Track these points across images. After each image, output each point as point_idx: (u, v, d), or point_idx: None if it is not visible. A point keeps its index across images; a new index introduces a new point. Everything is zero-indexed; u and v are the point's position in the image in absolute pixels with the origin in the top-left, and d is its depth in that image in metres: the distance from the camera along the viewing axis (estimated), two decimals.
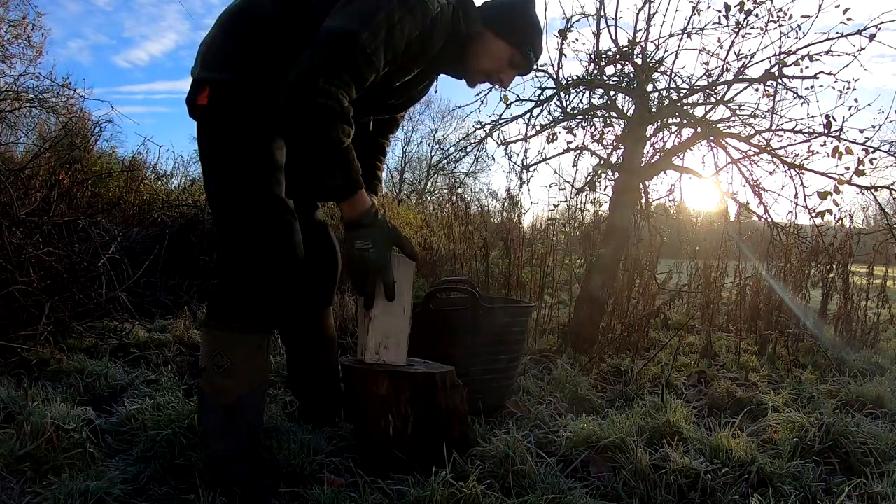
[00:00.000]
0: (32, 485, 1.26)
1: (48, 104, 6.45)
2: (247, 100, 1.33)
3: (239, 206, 1.29)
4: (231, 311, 1.28)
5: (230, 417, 1.28)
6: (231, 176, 1.31)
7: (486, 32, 1.50)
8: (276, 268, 1.29)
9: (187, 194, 4.92)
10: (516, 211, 3.63)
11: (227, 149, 1.32)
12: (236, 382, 1.28)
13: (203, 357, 1.32)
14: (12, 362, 2.06)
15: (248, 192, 1.30)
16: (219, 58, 1.36)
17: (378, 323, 1.44)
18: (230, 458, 1.28)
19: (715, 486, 1.38)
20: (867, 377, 2.59)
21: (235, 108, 1.33)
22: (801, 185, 2.89)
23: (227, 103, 1.33)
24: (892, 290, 4.22)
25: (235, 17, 1.38)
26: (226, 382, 1.27)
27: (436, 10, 1.37)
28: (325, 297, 1.72)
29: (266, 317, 1.30)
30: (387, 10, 1.27)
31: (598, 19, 3.09)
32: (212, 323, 1.30)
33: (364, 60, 1.25)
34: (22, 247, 2.29)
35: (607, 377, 2.47)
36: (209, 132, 1.36)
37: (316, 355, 1.73)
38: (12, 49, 7.93)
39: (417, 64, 1.46)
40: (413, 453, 1.40)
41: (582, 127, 3.41)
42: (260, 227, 1.29)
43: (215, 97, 1.33)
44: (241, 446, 1.29)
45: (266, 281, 1.28)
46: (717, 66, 3.03)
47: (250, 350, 1.30)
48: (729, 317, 3.94)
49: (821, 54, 2.80)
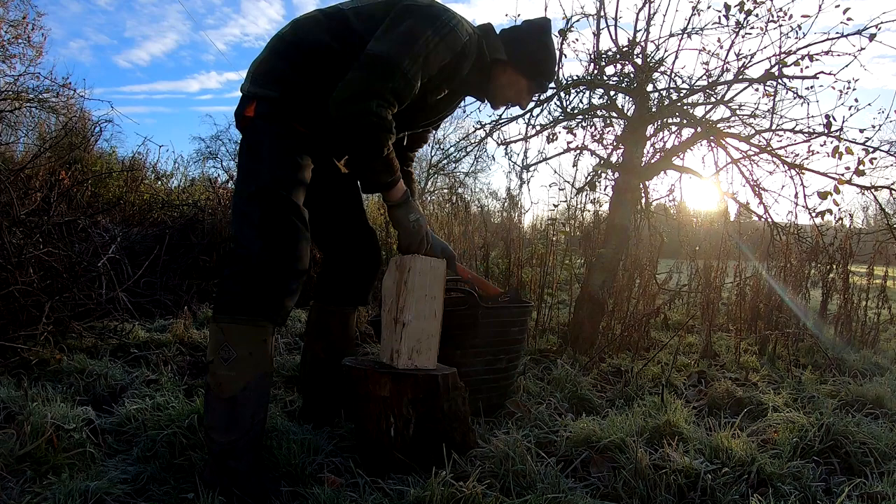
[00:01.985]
0: (32, 484, 1.26)
1: (48, 104, 6.44)
2: (288, 116, 1.47)
3: (256, 207, 1.39)
4: (237, 305, 1.34)
5: (233, 409, 1.31)
6: (259, 182, 1.41)
7: (508, 67, 1.68)
8: (279, 264, 1.36)
9: (187, 194, 4.92)
10: (516, 211, 3.64)
11: (263, 158, 1.44)
12: (240, 374, 1.32)
13: (210, 350, 1.37)
14: (12, 362, 2.06)
15: (269, 197, 1.40)
16: (267, 76, 1.49)
17: (411, 328, 1.46)
18: (233, 451, 1.30)
19: (715, 486, 1.38)
20: (867, 377, 2.59)
21: (277, 122, 1.46)
22: (801, 185, 2.90)
23: (271, 117, 1.46)
24: (892, 290, 4.22)
25: (286, 41, 1.53)
26: (230, 374, 1.32)
27: (465, 38, 1.54)
28: (363, 295, 1.83)
29: (270, 310, 1.36)
30: (424, 37, 1.44)
31: (598, 19, 3.09)
32: (220, 317, 1.35)
33: (405, 84, 1.42)
34: (22, 247, 2.29)
35: (607, 377, 2.47)
36: (250, 141, 1.48)
37: (336, 353, 1.78)
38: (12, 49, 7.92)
39: (448, 86, 1.62)
40: (414, 454, 1.40)
41: (582, 127, 3.41)
42: (269, 226, 1.37)
43: (261, 110, 1.46)
44: (244, 439, 1.31)
45: (269, 275, 1.35)
46: (717, 66, 3.04)
47: (255, 343, 1.35)
48: (729, 317, 3.94)
49: (821, 54, 2.80)
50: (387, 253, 4.42)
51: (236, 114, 1.52)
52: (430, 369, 1.47)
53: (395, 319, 1.46)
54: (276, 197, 1.39)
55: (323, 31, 1.50)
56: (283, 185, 1.41)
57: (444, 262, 1.53)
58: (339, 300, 1.80)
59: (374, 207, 5.23)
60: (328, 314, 1.80)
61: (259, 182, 1.41)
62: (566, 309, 3.54)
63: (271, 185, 1.40)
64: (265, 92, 1.47)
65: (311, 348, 1.80)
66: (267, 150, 1.44)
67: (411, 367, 1.45)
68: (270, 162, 1.43)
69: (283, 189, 1.41)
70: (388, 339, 1.50)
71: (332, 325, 1.80)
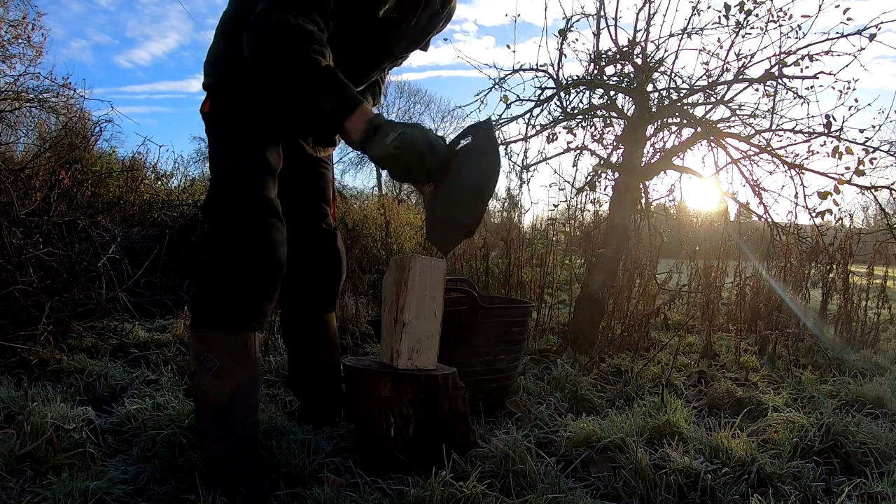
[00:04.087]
0: (32, 485, 1.26)
1: (48, 104, 6.44)
2: (237, 100, 1.34)
3: (221, 209, 1.29)
4: (213, 313, 1.27)
5: (223, 418, 1.28)
6: (222, 178, 1.32)
7: None
8: (251, 268, 1.27)
9: (187, 194, 4.92)
10: (516, 211, 3.64)
11: (221, 152, 1.34)
12: (225, 382, 1.27)
13: (192, 361, 1.31)
14: (12, 362, 2.06)
15: (233, 194, 1.29)
16: (213, 60, 1.39)
17: (411, 328, 1.45)
18: (227, 457, 1.27)
19: (715, 486, 1.38)
20: (867, 377, 2.59)
21: (227, 112, 1.34)
22: (801, 185, 2.89)
23: (220, 108, 1.35)
24: (892, 290, 4.22)
25: (226, 19, 1.39)
26: (215, 383, 1.27)
27: None
28: (328, 301, 1.73)
29: (247, 315, 1.28)
30: None
31: (598, 19, 3.09)
32: (197, 326, 1.29)
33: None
34: (22, 247, 2.29)
35: (607, 377, 2.47)
36: (209, 140, 1.38)
37: (318, 358, 1.74)
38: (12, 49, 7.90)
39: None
40: (414, 455, 1.40)
41: (582, 127, 3.41)
42: (237, 228, 1.27)
43: (213, 102, 1.36)
44: (237, 446, 1.28)
45: (243, 281, 1.26)
46: (717, 66, 3.04)
47: (237, 349, 1.29)
48: (729, 317, 3.94)
49: (821, 54, 2.80)
50: (387, 253, 4.43)
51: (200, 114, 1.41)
52: (431, 369, 1.47)
53: (396, 319, 1.46)
54: (236, 195, 1.28)
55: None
56: (243, 180, 1.29)
57: (444, 262, 1.51)
58: (303, 306, 1.68)
59: (373, 208, 5.23)
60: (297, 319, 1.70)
61: (220, 182, 1.31)
62: (566, 309, 3.54)
63: (228, 183, 1.29)
64: (211, 80, 1.36)
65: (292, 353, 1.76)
66: (222, 144, 1.33)
67: (411, 368, 1.45)
68: (227, 157, 1.32)
69: (244, 184, 1.28)
70: (388, 339, 1.50)
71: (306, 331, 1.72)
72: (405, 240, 4.82)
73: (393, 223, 4.81)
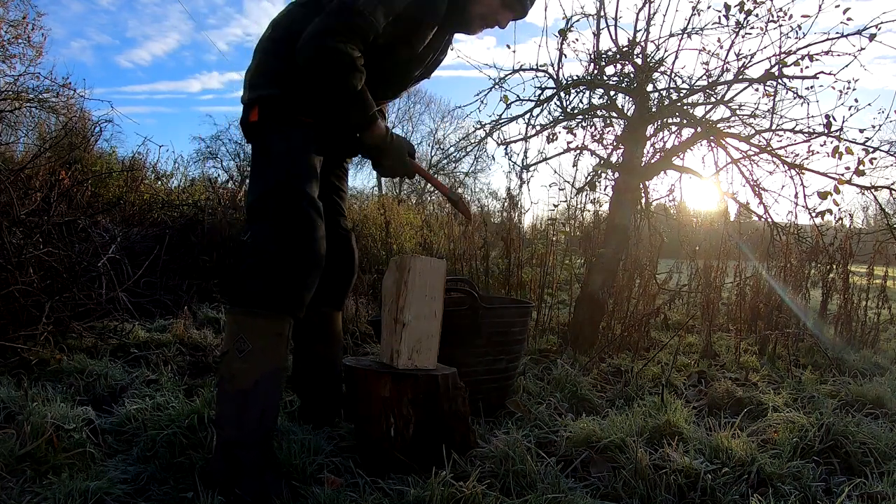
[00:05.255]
0: (32, 484, 1.26)
1: (48, 104, 6.43)
2: (293, 110, 1.50)
3: (272, 201, 1.41)
4: (254, 297, 1.35)
5: (246, 402, 1.32)
6: (273, 179, 1.44)
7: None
8: (296, 257, 1.38)
9: (187, 194, 4.91)
10: (516, 211, 3.63)
11: (274, 155, 1.47)
12: (254, 367, 1.33)
13: (225, 341, 1.38)
14: (12, 362, 2.06)
15: (284, 191, 1.42)
16: (264, 77, 1.52)
17: (411, 328, 1.46)
18: (240, 443, 1.30)
19: (715, 486, 1.38)
20: (867, 377, 2.59)
21: (283, 119, 1.49)
22: (801, 185, 2.89)
23: (276, 116, 1.49)
24: (892, 290, 4.22)
25: (272, 40, 1.57)
26: (245, 366, 1.33)
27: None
28: (338, 299, 1.80)
29: (288, 302, 1.37)
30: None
31: (598, 19, 3.09)
32: (236, 309, 1.37)
33: (363, 19, 1.42)
34: (22, 247, 2.29)
35: (607, 377, 2.47)
36: (261, 144, 1.51)
37: (321, 354, 1.78)
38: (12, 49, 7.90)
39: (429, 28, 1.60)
40: (414, 455, 1.40)
41: (582, 127, 3.41)
42: (285, 219, 1.40)
43: (265, 111, 1.50)
44: (254, 435, 1.32)
45: (286, 269, 1.36)
46: (717, 66, 3.04)
47: (271, 336, 1.36)
48: (729, 317, 3.94)
49: (821, 54, 2.80)
50: (387, 253, 4.43)
51: (242, 124, 1.56)
52: (431, 369, 1.47)
53: (396, 319, 1.46)
54: (290, 190, 1.41)
55: (300, 20, 1.51)
56: (296, 178, 1.43)
57: (444, 263, 1.53)
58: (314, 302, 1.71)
59: (373, 208, 5.23)
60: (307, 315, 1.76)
61: (273, 178, 1.43)
62: (566, 309, 3.54)
63: (285, 179, 1.42)
64: (265, 92, 1.50)
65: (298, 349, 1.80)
66: (277, 147, 1.47)
67: (411, 368, 1.45)
68: (283, 158, 1.46)
69: (297, 182, 1.43)
70: (389, 339, 1.50)
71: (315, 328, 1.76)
72: (405, 240, 4.82)
73: (393, 223, 4.81)
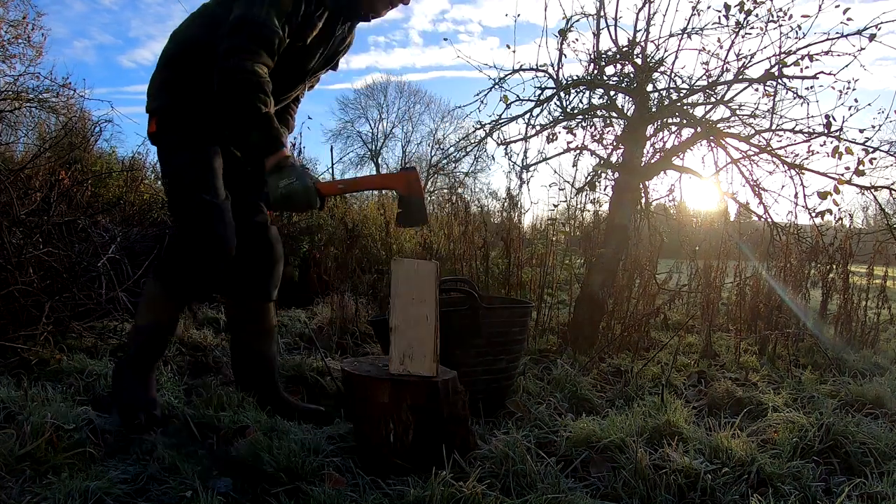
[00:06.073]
0: (32, 484, 1.26)
1: (48, 104, 6.42)
2: (186, 118, 1.61)
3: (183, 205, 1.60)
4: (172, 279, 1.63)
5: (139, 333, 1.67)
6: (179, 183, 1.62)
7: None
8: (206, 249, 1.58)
9: None
10: (516, 211, 3.63)
11: (175, 163, 1.63)
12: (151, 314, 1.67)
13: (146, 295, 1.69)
14: (12, 362, 2.05)
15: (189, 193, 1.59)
16: (159, 88, 1.64)
17: (399, 333, 1.43)
18: (129, 363, 1.64)
19: (715, 486, 1.38)
20: (867, 377, 2.59)
21: (177, 128, 1.62)
22: (801, 185, 2.89)
23: (170, 125, 1.63)
24: (892, 290, 4.22)
25: (166, 52, 1.67)
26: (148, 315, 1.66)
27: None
28: (264, 291, 1.87)
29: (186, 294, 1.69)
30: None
31: (598, 19, 3.09)
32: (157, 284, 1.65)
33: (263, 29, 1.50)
34: (22, 247, 2.29)
35: (607, 377, 2.47)
36: (161, 154, 1.66)
37: (253, 346, 1.86)
38: (12, 49, 7.90)
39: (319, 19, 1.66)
40: (413, 460, 1.39)
41: (582, 127, 3.41)
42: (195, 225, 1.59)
43: (161, 121, 1.63)
44: (137, 357, 1.65)
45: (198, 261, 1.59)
46: (717, 66, 3.04)
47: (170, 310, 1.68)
48: (729, 317, 3.94)
49: (821, 54, 2.80)
50: (387, 253, 4.42)
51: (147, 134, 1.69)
52: (427, 375, 1.45)
53: (389, 324, 1.45)
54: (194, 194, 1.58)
55: (194, 29, 1.64)
56: (198, 186, 1.58)
57: (433, 265, 1.45)
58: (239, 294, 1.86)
59: (373, 208, 5.23)
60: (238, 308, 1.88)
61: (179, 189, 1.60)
62: (566, 309, 3.53)
63: (189, 190, 1.58)
64: (159, 103, 1.63)
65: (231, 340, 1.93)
66: (176, 158, 1.62)
67: (404, 373, 1.43)
68: (183, 168, 1.61)
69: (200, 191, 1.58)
70: (390, 344, 1.49)
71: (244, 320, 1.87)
72: (405, 240, 4.82)
73: (393, 223, 4.80)
